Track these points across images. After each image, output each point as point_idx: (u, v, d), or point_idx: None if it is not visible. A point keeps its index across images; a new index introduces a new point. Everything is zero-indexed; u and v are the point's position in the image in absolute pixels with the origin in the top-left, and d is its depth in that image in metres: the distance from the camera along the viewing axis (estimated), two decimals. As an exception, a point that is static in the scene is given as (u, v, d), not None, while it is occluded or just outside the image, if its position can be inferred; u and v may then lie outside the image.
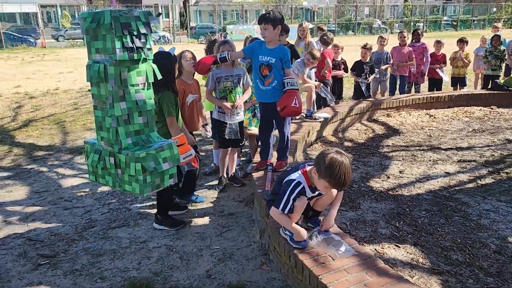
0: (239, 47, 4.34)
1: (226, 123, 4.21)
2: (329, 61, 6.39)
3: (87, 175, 4.93)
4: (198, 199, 4.16)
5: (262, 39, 3.62)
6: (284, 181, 2.65)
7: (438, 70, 7.89)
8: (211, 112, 4.64)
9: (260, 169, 3.86)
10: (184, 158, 3.34)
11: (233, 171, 4.58)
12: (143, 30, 2.85)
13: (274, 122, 3.80)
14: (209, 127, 4.58)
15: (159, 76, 3.07)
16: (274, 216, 2.67)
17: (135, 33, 2.82)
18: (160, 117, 3.49)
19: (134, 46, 2.82)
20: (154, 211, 3.75)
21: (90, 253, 3.26)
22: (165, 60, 3.45)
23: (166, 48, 3.76)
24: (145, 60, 2.96)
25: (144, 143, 3.04)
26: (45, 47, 27.13)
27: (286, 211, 2.57)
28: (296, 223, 2.68)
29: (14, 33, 29.28)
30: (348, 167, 2.38)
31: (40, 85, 11.79)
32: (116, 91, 2.85)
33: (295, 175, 2.62)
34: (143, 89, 3.00)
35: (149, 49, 2.96)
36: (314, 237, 2.62)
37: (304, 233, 2.61)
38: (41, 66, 16.43)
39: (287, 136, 3.76)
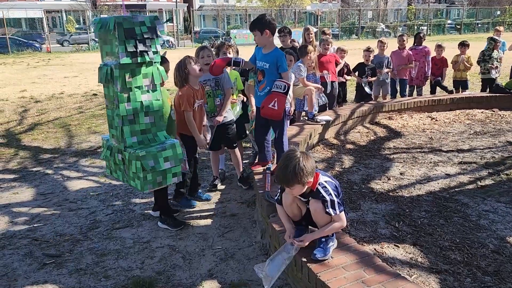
0: (242, 51, 4.38)
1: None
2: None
3: (92, 177, 5.05)
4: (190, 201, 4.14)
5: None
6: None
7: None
8: None
9: (255, 170, 3.94)
10: None
11: (241, 170, 4.61)
12: (147, 35, 2.97)
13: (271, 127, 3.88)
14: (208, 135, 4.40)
15: (165, 78, 3.22)
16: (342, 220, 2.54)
17: (139, 37, 2.95)
18: None
19: (138, 50, 2.93)
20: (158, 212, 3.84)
21: (94, 252, 3.32)
22: None
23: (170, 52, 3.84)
24: (150, 63, 3.09)
25: (149, 142, 3.17)
26: (50, 52, 27.40)
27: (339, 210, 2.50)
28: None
29: (20, 38, 29.65)
30: (285, 163, 2.37)
31: (45, 89, 11.93)
32: (121, 93, 3.00)
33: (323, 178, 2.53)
34: (148, 91, 3.14)
35: (155, 52, 3.08)
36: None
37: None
38: (46, 71, 16.60)
39: (284, 145, 3.84)
